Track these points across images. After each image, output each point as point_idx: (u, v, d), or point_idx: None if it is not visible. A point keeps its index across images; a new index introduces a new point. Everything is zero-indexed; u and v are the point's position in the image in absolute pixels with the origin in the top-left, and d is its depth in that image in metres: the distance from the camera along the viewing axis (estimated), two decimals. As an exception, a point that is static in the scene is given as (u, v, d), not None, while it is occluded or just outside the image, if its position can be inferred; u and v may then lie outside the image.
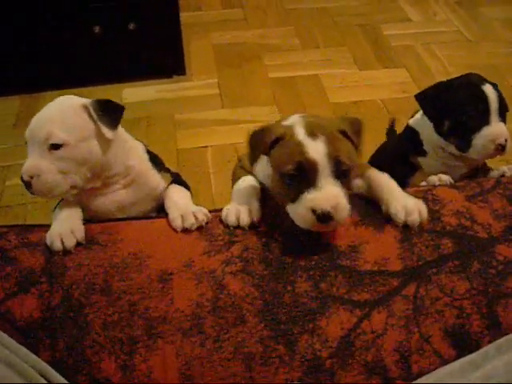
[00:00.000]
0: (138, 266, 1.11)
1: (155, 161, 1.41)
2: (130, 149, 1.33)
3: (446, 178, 1.40)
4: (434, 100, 1.47)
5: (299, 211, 1.07)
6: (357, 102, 2.76)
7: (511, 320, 1.03)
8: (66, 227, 1.18)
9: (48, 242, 1.16)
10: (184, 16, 3.34)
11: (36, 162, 1.19)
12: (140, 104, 2.76)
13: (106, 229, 1.19)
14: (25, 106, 2.80)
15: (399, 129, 2.52)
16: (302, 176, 1.07)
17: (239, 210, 1.18)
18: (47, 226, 1.21)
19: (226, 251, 1.12)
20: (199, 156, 2.42)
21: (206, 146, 2.49)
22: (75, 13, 2.65)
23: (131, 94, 2.84)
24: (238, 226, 1.17)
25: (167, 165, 2.00)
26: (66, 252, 1.14)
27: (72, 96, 1.28)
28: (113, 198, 1.32)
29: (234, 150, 2.44)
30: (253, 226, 1.17)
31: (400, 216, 1.13)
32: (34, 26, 2.65)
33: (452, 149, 1.49)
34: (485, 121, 1.41)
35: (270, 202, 1.23)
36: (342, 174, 1.08)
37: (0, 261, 1.12)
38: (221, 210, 1.22)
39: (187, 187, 1.43)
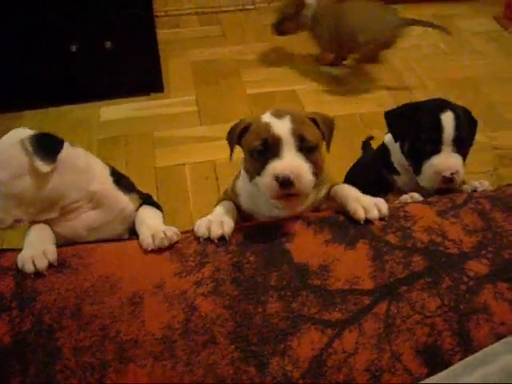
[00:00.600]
0: (109, 289, 1.10)
1: (122, 183, 1.40)
2: (89, 174, 1.32)
3: (417, 197, 1.40)
4: (399, 120, 1.47)
5: (264, 180, 1.16)
6: (335, 117, 2.76)
7: (482, 336, 1.03)
8: (37, 249, 1.17)
9: (19, 265, 1.15)
10: (162, 33, 3.35)
11: None
12: (118, 122, 2.77)
13: (78, 252, 1.19)
14: (2, 125, 2.77)
15: (376, 143, 2.55)
16: (268, 150, 1.17)
17: (211, 222, 1.20)
18: (19, 250, 1.20)
19: (197, 272, 1.11)
20: (177, 174, 2.42)
21: (183, 164, 2.48)
22: (52, 31, 2.64)
23: (109, 112, 2.83)
24: (209, 239, 1.18)
25: (145, 183, 1.99)
26: (38, 274, 1.13)
27: (21, 130, 1.26)
28: (81, 222, 1.31)
29: (212, 167, 2.44)
30: (223, 239, 1.18)
31: (360, 213, 1.20)
32: (11, 45, 2.64)
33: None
34: (436, 150, 1.39)
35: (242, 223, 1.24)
36: (305, 149, 1.17)
37: (-29, 287, 1.11)
38: (192, 230, 1.22)
39: (159, 208, 1.43)
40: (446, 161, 1.37)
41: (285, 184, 1.12)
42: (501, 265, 1.12)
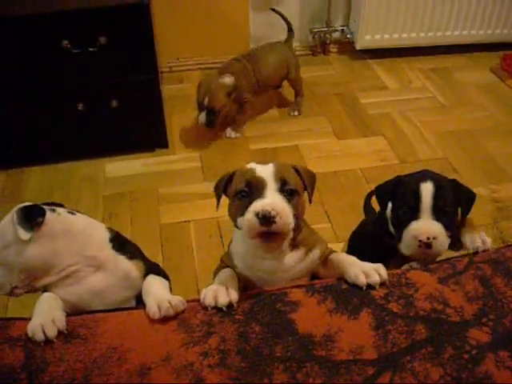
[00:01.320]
0: (117, 360, 1.12)
1: (125, 248, 1.43)
2: (85, 239, 1.36)
3: (416, 267, 1.41)
4: (386, 192, 1.50)
5: (246, 217, 1.19)
6: (336, 172, 2.81)
7: (485, 406, 1.04)
8: (46, 317, 1.20)
9: (30, 334, 1.18)
10: (166, 89, 3.41)
11: None
12: (123, 178, 2.80)
13: (86, 322, 1.21)
14: (10, 181, 2.82)
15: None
16: (252, 191, 1.23)
17: (216, 291, 1.24)
18: (28, 319, 1.22)
19: (203, 343, 1.13)
20: (182, 231, 2.44)
21: (188, 221, 2.50)
22: (60, 90, 2.70)
23: (114, 168, 2.87)
24: (216, 307, 1.22)
25: (150, 239, 2.01)
26: (47, 342, 1.16)
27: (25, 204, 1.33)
28: (84, 286, 1.34)
29: (217, 224, 2.47)
30: (230, 307, 1.22)
31: (361, 279, 1.25)
32: (20, 102, 2.69)
33: None
34: (415, 217, 1.40)
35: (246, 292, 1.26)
36: (287, 192, 1.23)
37: (-19, 359, 1.13)
38: (198, 300, 1.24)
39: (166, 277, 1.45)
40: (423, 225, 1.38)
41: (265, 220, 1.16)
42: (502, 333, 1.14)
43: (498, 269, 1.30)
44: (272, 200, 1.19)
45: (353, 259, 1.33)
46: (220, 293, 1.24)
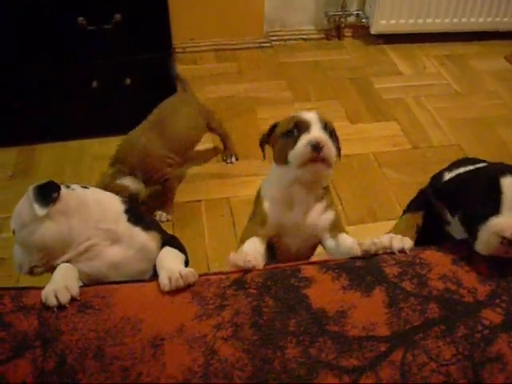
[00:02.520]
0: (130, 331, 1.12)
1: (141, 220, 1.44)
2: (100, 212, 1.37)
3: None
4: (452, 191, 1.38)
5: (298, 149, 1.40)
6: (349, 156, 2.80)
7: (497, 385, 1.05)
8: (60, 284, 1.21)
9: (43, 299, 1.19)
10: (180, 69, 3.41)
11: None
12: (135, 157, 2.79)
13: (100, 292, 1.21)
14: (22, 157, 2.83)
15: (388, 181, 2.58)
16: (299, 130, 1.42)
17: (246, 254, 1.30)
18: (42, 288, 1.23)
19: (217, 316, 1.14)
20: (193, 210, 2.45)
21: (199, 200, 2.51)
22: (74, 67, 2.71)
23: (126, 146, 2.87)
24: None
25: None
26: (60, 308, 1.17)
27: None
28: (102, 259, 1.35)
29: (228, 204, 2.47)
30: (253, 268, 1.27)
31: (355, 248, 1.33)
32: (35, 80, 2.70)
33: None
34: (495, 212, 1.26)
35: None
36: (329, 132, 1.45)
37: (-4, 326, 1.14)
38: (213, 273, 1.25)
39: (182, 250, 1.46)
40: (507, 221, 1.23)
41: (316, 148, 1.37)
42: (515, 314, 1.14)
43: (511, 252, 1.30)
44: (320, 134, 1.40)
45: (354, 243, 1.36)
46: (249, 254, 1.31)
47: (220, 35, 3.71)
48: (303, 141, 1.39)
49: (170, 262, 1.31)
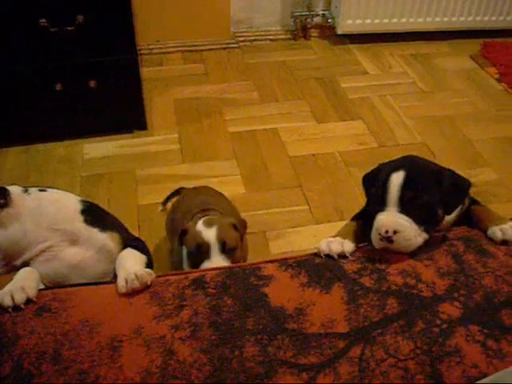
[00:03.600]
0: (88, 334, 1.11)
1: (98, 219, 1.43)
2: (55, 214, 1.36)
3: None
4: (367, 181, 1.43)
5: None
6: (315, 155, 2.81)
7: (455, 378, 1.05)
8: (17, 285, 1.21)
9: None
10: (145, 71, 3.39)
11: None
12: (101, 160, 2.77)
13: (58, 296, 1.20)
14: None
15: (355, 181, 2.59)
16: (201, 252, 1.62)
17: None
18: (-1, 292, 1.22)
19: (175, 316, 1.13)
20: (159, 212, 2.43)
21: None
22: (37, 70, 2.67)
23: (92, 149, 2.84)
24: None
25: (128, 220, 2.01)
26: (16, 308, 1.16)
27: None
28: (61, 260, 1.33)
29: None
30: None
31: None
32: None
33: None
34: (381, 209, 1.30)
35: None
36: (227, 251, 1.62)
37: (-51, 331, 1.12)
38: (172, 273, 1.24)
39: (146, 252, 1.45)
40: (384, 218, 1.27)
41: None
42: (472, 308, 1.15)
43: (470, 246, 1.31)
44: (216, 263, 1.55)
45: None
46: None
47: (186, 36, 3.69)
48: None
49: (129, 264, 1.30)
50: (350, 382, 1.03)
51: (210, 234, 1.62)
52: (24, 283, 1.21)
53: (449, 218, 1.38)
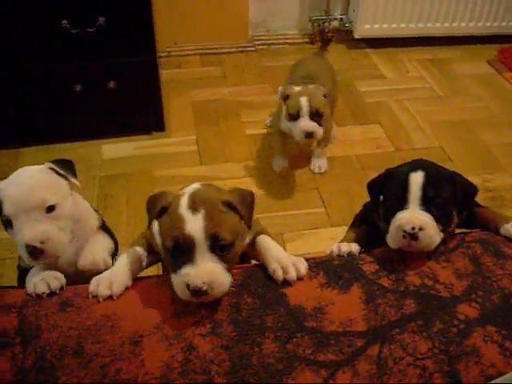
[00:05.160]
0: (110, 328, 1.13)
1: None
2: (76, 194, 1.39)
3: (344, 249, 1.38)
4: (376, 186, 1.43)
5: (177, 284, 1.12)
6: (332, 158, 2.82)
7: (472, 378, 1.06)
8: (47, 274, 1.24)
9: (30, 289, 1.21)
10: (164, 73, 3.42)
11: (40, 227, 1.21)
12: (119, 160, 2.80)
13: (80, 291, 1.22)
14: (4, 160, 2.80)
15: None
16: (180, 251, 1.12)
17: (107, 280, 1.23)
18: (23, 288, 1.24)
19: (196, 313, 1.15)
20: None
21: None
22: (58, 70, 2.70)
23: (110, 150, 2.88)
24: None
25: (145, 221, 2.03)
26: (51, 294, 1.20)
27: (29, 166, 1.32)
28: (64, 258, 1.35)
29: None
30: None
31: (278, 274, 1.21)
32: (17, 83, 2.70)
33: None
34: (402, 208, 1.30)
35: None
36: (219, 248, 1.12)
37: (-25, 324, 1.14)
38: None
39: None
40: (409, 215, 1.27)
41: (197, 294, 1.09)
42: (490, 309, 1.16)
43: (487, 248, 1.31)
44: (203, 270, 1.09)
45: (273, 247, 1.29)
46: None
47: (204, 39, 3.72)
48: (181, 278, 1.10)
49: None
50: (368, 380, 1.05)
51: (195, 226, 1.11)
52: (52, 273, 1.25)
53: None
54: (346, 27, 3.87)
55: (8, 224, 1.23)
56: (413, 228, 1.24)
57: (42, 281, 1.21)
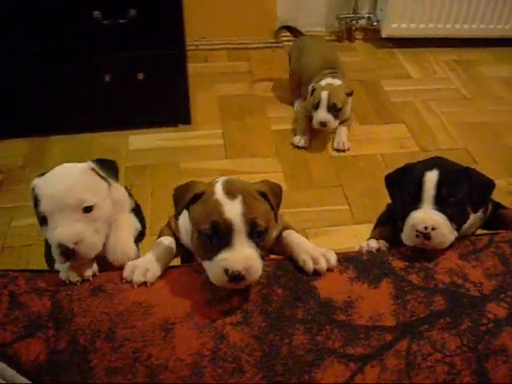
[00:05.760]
0: (142, 315, 1.15)
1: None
2: (117, 187, 1.39)
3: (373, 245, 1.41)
4: (393, 181, 1.45)
5: (213, 270, 1.12)
6: (356, 156, 2.83)
7: (500, 376, 1.07)
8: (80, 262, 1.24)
9: (64, 277, 1.23)
10: (191, 67, 3.42)
11: (75, 227, 1.20)
12: (145, 151, 2.83)
13: (112, 278, 1.24)
14: (33, 148, 2.85)
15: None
16: (218, 235, 1.11)
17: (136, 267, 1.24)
18: (56, 272, 1.26)
19: (226, 302, 1.16)
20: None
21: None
22: (88, 60, 2.73)
23: (137, 141, 2.90)
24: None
25: (171, 213, 2.05)
26: (84, 282, 1.22)
27: (68, 164, 1.32)
28: None
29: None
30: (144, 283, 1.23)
31: (309, 265, 1.22)
32: (47, 71, 2.73)
33: None
34: (417, 207, 1.31)
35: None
36: (256, 234, 1.13)
37: (9, 305, 1.16)
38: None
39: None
40: (422, 215, 1.29)
41: (235, 279, 1.09)
42: (519, 309, 1.16)
43: (517, 249, 1.32)
44: (242, 255, 1.10)
45: (302, 241, 1.30)
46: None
47: (232, 34, 3.74)
48: (219, 264, 1.10)
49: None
50: (396, 375, 1.05)
51: (233, 210, 1.12)
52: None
53: (473, 221, 1.40)
54: (373, 26, 3.87)
55: (43, 221, 1.23)
56: (425, 228, 1.27)
57: (74, 270, 1.22)
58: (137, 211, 1.50)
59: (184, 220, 1.30)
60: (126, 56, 2.75)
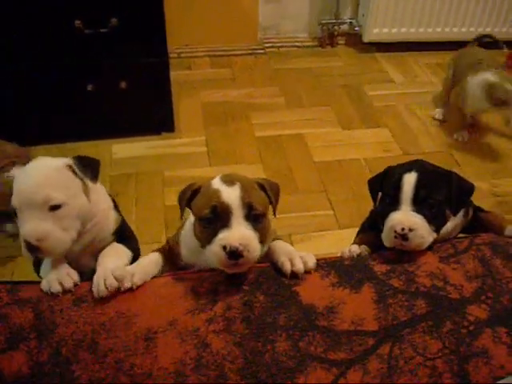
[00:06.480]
0: (124, 325, 1.15)
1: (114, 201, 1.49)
2: (100, 192, 1.40)
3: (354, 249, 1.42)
4: (375, 184, 1.47)
5: (213, 250, 1.17)
6: (340, 161, 2.84)
7: (481, 378, 1.07)
8: (61, 272, 1.24)
9: (45, 288, 1.22)
10: (174, 74, 3.42)
11: (40, 225, 1.20)
12: (129, 160, 2.82)
13: (94, 287, 1.24)
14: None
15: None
16: (217, 218, 1.18)
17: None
18: (37, 283, 1.25)
19: (209, 310, 1.16)
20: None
21: (192, 203, 2.53)
22: (70, 70, 2.73)
23: (121, 149, 2.90)
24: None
25: (155, 220, 2.04)
26: (65, 292, 1.21)
27: (47, 158, 1.31)
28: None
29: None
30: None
31: (286, 266, 1.25)
32: (29, 81, 2.72)
33: None
34: (395, 208, 1.33)
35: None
36: (253, 218, 1.20)
37: (-9, 318, 1.16)
38: (206, 270, 1.27)
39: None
40: (399, 216, 1.31)
41: (233, 255, 1.14)
42: (500, 310, 1.17)
43: (497, 251, 1.33)
44: (239, 232, 1.16)
45: (284, 245, 1.33)
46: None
47: (215, 41, 3.75)
48: (218, 242, 1.16)
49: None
50: (378, 379, 1.06)
51: (231, 195, 1.19)
52: (66, 270, 1.26)
53: (455, 225, 1.43)
54: (355, 31, 3.89)
55: (15, 214, 1.23)
56: (403, 229, 1.28)
57: (55, 280, 1.22)
58: (124, 232, 1.50)
59: (185, 235, 1.37)
60: (108, 65, 2.75)
